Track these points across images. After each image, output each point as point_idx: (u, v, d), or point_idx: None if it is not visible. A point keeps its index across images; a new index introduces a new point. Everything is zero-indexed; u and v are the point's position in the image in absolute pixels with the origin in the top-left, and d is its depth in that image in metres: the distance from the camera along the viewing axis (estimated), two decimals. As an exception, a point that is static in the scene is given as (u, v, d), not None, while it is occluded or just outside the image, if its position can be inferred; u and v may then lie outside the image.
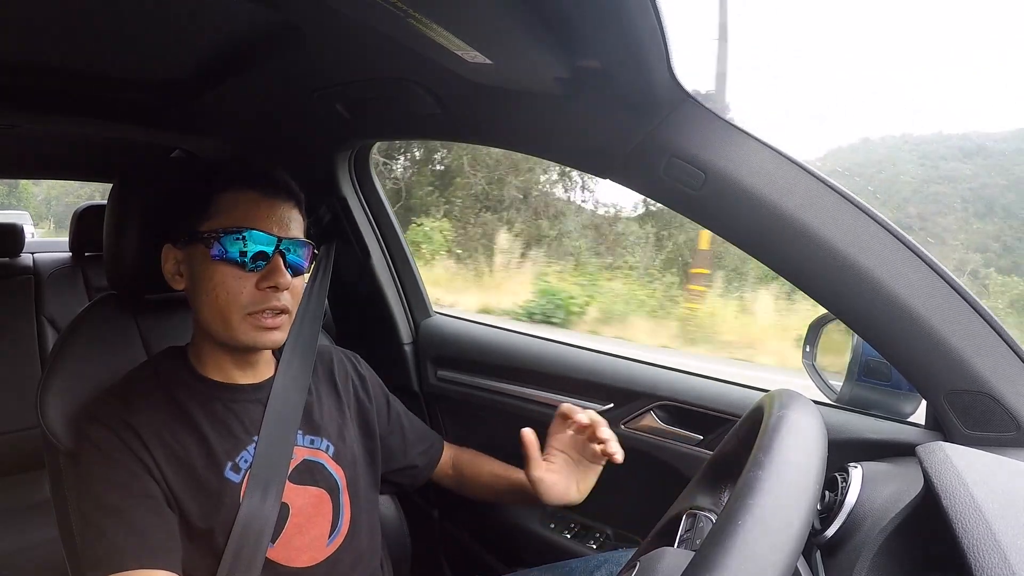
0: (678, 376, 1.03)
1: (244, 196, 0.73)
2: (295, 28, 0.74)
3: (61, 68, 0.91)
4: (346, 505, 0.81)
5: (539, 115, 0.81)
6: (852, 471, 0.65)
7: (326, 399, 0.86)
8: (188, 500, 0.70)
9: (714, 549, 0.37)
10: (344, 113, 0.98)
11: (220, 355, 0.77)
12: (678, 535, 0.61)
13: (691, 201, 0.74)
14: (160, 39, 0.82)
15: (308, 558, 0.76)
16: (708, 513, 0.62)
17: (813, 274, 0.70)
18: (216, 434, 0.73)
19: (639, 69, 0.65)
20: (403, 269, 1.31)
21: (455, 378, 1.26)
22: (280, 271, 0.72)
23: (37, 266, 1.95)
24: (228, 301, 0.71)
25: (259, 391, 0.79)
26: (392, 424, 0.94)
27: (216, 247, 0.71)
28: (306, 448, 0.80)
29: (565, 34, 0.60)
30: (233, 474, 0.73)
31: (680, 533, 0.61)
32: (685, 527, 0.61)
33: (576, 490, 0.85)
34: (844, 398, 0.85)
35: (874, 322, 0.69)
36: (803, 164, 0.69)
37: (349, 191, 1.22)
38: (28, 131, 1.30)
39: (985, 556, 0.42)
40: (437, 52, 0.62)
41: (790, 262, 0.71)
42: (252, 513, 0.71)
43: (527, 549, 1.13)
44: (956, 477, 0.51)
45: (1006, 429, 0.64)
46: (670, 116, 0.71)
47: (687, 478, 0.72)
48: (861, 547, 0.55)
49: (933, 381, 0.67)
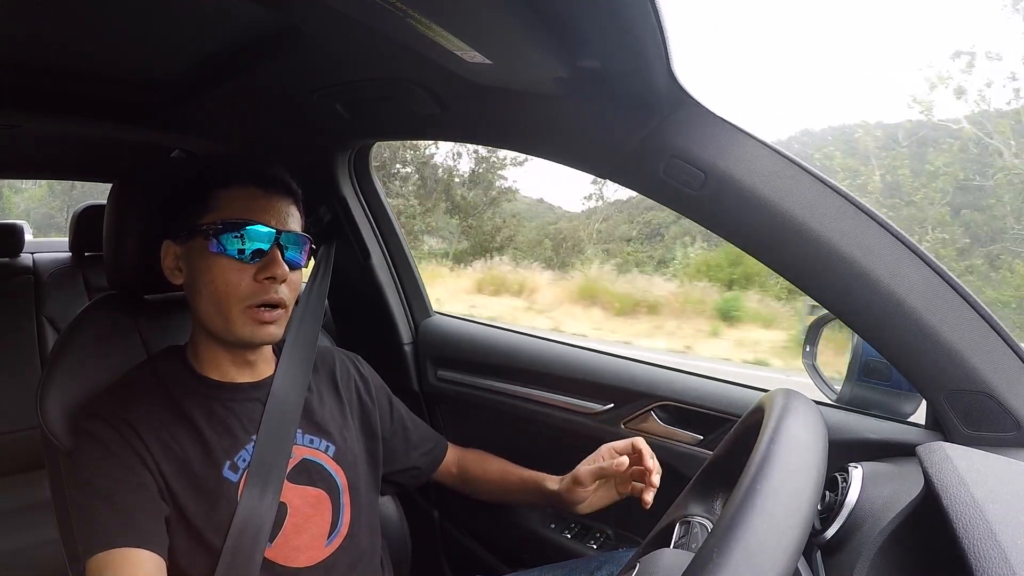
0: (678, 376, 1.03)
1: (243, 191, 0.74)
2: (295, 28, 0.74)
3: (61, 68, 0.91)
4: (346, 506, 0.81)
5: (539, 115, 0.81)
6: (852, 471, 0.65)
7: (327, 400, 0.86)
8: (186, 499, 0.70)
9: (715, 548, 0.37)
10: (344, 113, 0.98)
11: (219, 353, 0.77)
12: (672, 542, 0.61)
13: (691, 201, 0.74)
14: (160, 39, 0.82)
15: (307, 558, 0.76)
16: (702, 519, 0.62)
17: (813, 274, 0.70)
18: (214, 433, 0.74)
19: (639, 69, 0.65)
20: (403, 269, 1.31)
21: (455, 378, 1.25)
22: (278, 262, 0.72)
23: (37, 266, 1.95)
24: (227, 293, 0.71)
25: (258, 390, 0.79)
26: (395, 425, 0.94)
27: (215, 240, 0.71)
28: (305, 447, 0.80)
29: (565, 34, 0.60)
30: (231, 473, 0.73)
31: (675, 539, 0.61)
32: (679, 534, 0.61)
33: (589, 504, 0.87)
34: (844, 398, 0.85)
35: (874, 322, 0.69)
36: (803, 164, 0.69)
37: (349, 191, 1.22)
38: (28, 131, 1.29)
39: (985, 556, 0.42)
40: (437, 52, 0.62)
41: (790, 262, 0.71)
42: (250, 512, 0.71)
43: (527, 549, 1.13)
44: (956, 477, 0.51)
45: (1006, 429, 0.64)
46: (670, 116, 0.71)
47: (687, 478, 0.72)
48: (861, 547, 0.55)
49: (933, 381, 0.67)
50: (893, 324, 0.66)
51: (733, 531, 0.37)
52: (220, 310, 0.72)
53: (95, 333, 0.83)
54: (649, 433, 1.01)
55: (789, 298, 7.74)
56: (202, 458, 0.72)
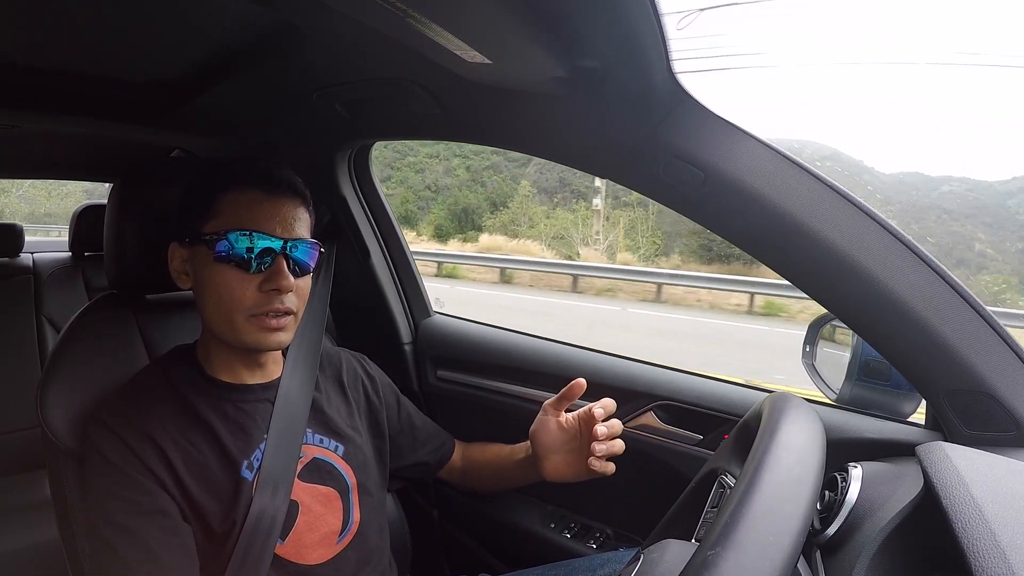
0: (678, 376, 1.03)
1: (247, 195, 0.73)
2: (295, 28, 0.74)
3: (61, 68, 0.91)
4: (356, 504, 0.81)
5: (538, 115, 0.81)
6: (852, 471, 0.65)
7: (335, 400, 0.87)
8: (205, 501, 0.70)
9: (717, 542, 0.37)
10: (344, 113, 0.98)
11: (229, 355, 0.77)
12: (708, 501, 0.62)
13: (691, 201, 0.74)
14: (160, 39, 0.82)
15: (318, 555, 0.76)
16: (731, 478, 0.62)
17: (813, 274, 0.70)
18: (229, 434, 0.74)
19: (639, 69, 0.65)
20: (403, 269, 1.31)
21: (455, 378, 1.26)
22: (283, 274, 0.71)
23: (37, 266, 1.95)
24: (232, 303, 0.71)
25: (268, 391, 0.79)
26: (402, 423, 0.95)
27: (218, 249, 0.70)
28: (316, 447, 0.80)
29: (564, 34, 0.60)
30: (248, 472, 0.73)
31: (709, 499, 0.63)
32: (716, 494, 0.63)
33: (573, 473, 0.85)
34: (844, 398, 0.85)
35: (874, 322, 0.69)
36: (803, 164, 0.69)
37: (349, 191, 1.22)
38: (28, 131, 1.29)
39: (985, 556, 0.42)
40: (436, 52, 0.63)
41: (790, 262, 0.71)
42: (262, 510, 0.71)
43: (527, 549, 1.13)
44: (956, 477, 0.51)
45: (1006, 429, 0.64)
46: (670, 116, 0.71)
47: (687, 478, 0.73)
48: (861, 547, 0.55)
49: (933, 381, 0.67)
50: (893, 324, 0.66)
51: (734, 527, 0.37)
52: (226, 318, 0.72)
53: (96, 332, 0.83)
54: (649, 433, 1.01)
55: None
56: (220, 460, 0.72)
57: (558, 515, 1.14)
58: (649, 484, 0.99)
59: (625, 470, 0.82)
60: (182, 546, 0.67)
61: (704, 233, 10.32)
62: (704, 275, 9.20)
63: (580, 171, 0.85)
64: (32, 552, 1.45)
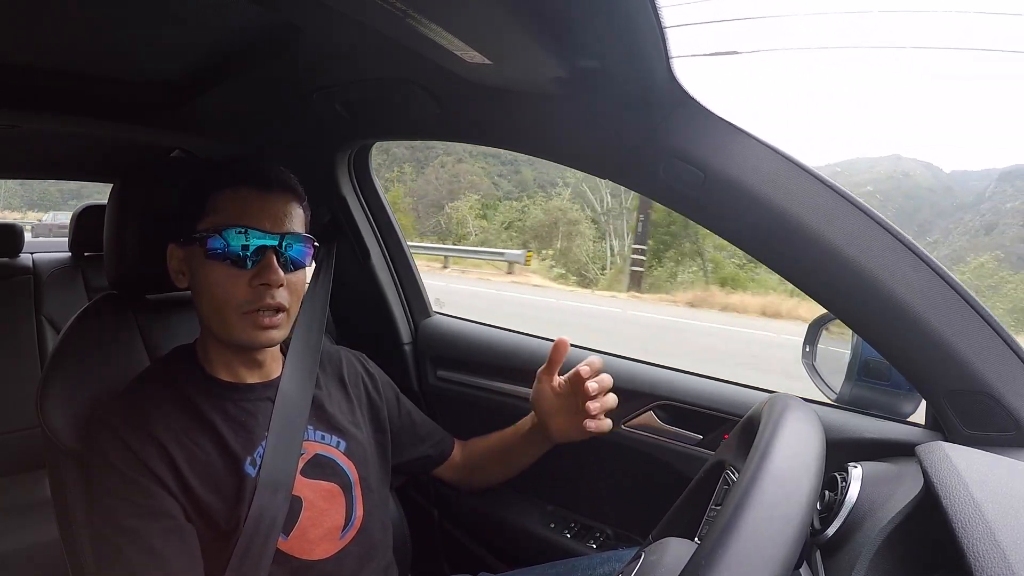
0: (678, 376, 1.03)
1: (238, 193, 0.73)
2: (295, 28, 0.74)
3: (61, 68, 0.91)
4: (359, 500, 0.81)
5: (538, 115, 0.81)
6: (852, 471, 0.65)
7: (336, 397, 0.87)
8: (212, 501, 0.70)
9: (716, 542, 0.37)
10: (344, 113, 0.98)
11: (228, 354, 0.78)
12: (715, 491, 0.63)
13: (691, 201, 0.74)
14: (160, 39, 0.82)
15: (322, 551, 0.76)
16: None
17: (813, 274, 0.70)
18: (232, 432, 0.74)
19: (639, 69, 0.65)
20: (403, 269, 1.31)
21: (455, 378, 1.26)
22: (272, 268, 0.72)
23: (36, 266, 1.95)
24: (224, 300, 0.72)
25: (269, 389, 0.80)
26: (403, 419, 0.96)
27: (210, 246, 0.71)
28: (318, 443, 0.81)
29: (564, 34, 0.60)
30: (251, 468, 0.73)
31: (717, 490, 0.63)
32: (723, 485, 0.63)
33: (577, 432, 0.84)
34: (844, 398, 0.85)
35: (874, 322, 0.68)
36: (803, 164, 0.69)
37: (349, 191, 1.22)
38: (28, 131, 1.29)
39: (985, 556, 0.42)
40: (436, 52, 0.63)
41: (790, 262, 0.71)
42: (264, 506, 0.71)
43: (527, 549, 1.13)
44: (956, 477, 0.51)
45: (1006, 429, 0.64)
46: (670, 116, 0.71)
47: (687, 478, 0.73)
48: (861, 547, 0.55)
49: (933, 381, 0.67)
50: (892, 324, 0.66)
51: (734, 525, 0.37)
52: (219, 315, 0.73)
53: (96, 332, 0.83)
54: (649, 433, 1.01)
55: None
56: (224, 458, 0.72)
57: (558, 515, 1.14)
58: (649, 484, 0.99)
59: (625, 470, 0.83)
60: (186, 547, 0.68)
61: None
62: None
63: (580, 171, 0.85)
64: (32, 552, 1.45)
